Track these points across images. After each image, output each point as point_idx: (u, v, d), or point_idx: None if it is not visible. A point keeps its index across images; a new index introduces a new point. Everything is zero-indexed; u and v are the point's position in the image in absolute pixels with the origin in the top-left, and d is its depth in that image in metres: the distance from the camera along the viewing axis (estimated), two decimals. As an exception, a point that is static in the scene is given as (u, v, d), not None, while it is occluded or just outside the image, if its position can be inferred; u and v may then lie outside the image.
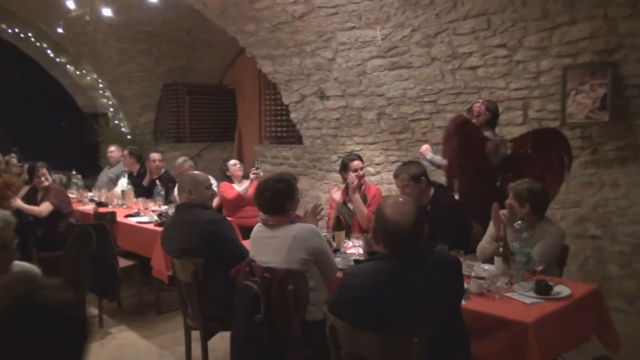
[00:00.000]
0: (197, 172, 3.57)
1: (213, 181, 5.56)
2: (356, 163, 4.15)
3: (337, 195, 4.19)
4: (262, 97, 7.72)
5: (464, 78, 4.78)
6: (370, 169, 5.95)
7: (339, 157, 6.33)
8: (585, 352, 2.68)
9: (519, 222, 2.74)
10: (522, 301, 2.43)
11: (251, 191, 5.10)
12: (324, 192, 6.45)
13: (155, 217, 4.54)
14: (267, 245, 2.74)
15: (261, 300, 2.63)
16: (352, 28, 5.24)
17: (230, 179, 5.37)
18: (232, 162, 5.47)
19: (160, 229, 4.27)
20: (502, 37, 4.34)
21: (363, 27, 5.14)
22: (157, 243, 4.20)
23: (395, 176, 3.51)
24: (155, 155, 5.87)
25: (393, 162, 5.79)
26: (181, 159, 5.71)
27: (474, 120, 4.02)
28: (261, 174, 5.21)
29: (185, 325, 3.25)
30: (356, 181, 4.02)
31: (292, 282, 2.59)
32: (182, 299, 3.23)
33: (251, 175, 5.11)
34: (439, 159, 4.32)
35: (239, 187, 5.27)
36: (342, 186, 4.34)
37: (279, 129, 7.46)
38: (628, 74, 3.85)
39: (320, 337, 2.67)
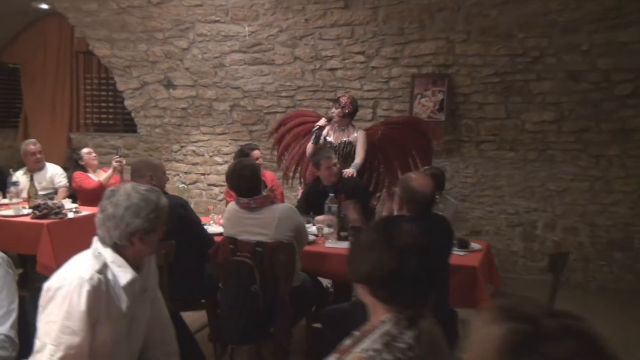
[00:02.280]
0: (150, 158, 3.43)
1: (59, 170, 5.12)
2: (256, 152, 4.44)
3: None
4: (78, 81, 7.05)
5: (323, 78, 5.44)
6: (218, 159, 6.17)
7: (182, 146, 6.38)
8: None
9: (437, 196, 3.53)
10: (457, 254, 3.20)
11: (113, 181, 4.87)
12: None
13: (25, 210, 4.05)
14: (250, 225, 2.95)
15: (255, 271, 2.86)
16: (216, 21, 5.42)
17: (84, 168, 5.00)
18: (85, 150, 5.08)
19: (43, 221, 3.87)
20: (362, 46, 5.14)
21: (228, 22, 5.37)
22: (43, 237, 3.81)
23: (321, 160, 3.91)
24: None
25: (242, 152, 6.11)
26: (27, 141, 5.03)
27: (338, 110, 4.58)
28: (124, 162, 5.00)
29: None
30: None
31: (283, 252, 2.87)
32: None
33: (114, 164, 4.88)
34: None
35: (96, 177, 4.96)
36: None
37: (103, 115, 6.97)
38: (459, 84, 5.03)
39: (299, 299, 3.05)
